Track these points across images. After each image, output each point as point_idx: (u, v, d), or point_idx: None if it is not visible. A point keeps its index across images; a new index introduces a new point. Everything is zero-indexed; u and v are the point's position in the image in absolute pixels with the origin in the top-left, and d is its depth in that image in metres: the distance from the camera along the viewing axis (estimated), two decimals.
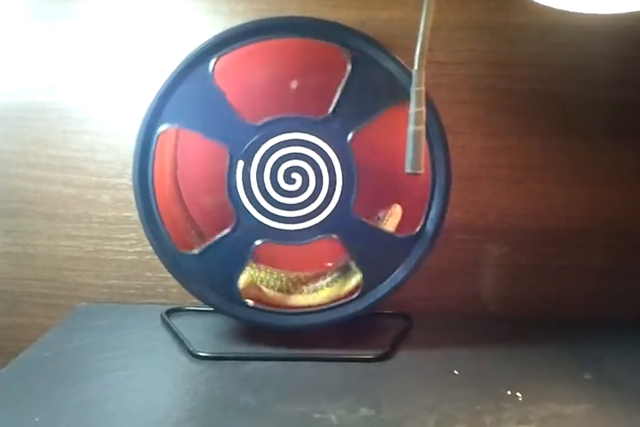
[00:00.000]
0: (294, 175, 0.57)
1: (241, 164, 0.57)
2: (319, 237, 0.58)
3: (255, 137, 0.56)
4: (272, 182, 0.57)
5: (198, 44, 0.56)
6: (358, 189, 0.57)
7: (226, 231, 0.57)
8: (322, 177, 0.57)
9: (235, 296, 0.58)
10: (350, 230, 0.58)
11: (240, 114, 0.56)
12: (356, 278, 0.59)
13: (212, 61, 0.55)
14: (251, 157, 0.57)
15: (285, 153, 0.57)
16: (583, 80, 0.66)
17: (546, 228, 0.68)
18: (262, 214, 0.57)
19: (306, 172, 0.57)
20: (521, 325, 0.66)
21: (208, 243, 0.58)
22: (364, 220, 0.58)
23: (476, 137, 0.67)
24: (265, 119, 0.56)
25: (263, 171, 0.57)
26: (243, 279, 0.58)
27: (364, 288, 0.59)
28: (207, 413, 0.48)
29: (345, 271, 0.60)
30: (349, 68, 0.56)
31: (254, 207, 0.57)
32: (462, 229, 0.68)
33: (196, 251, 0.58)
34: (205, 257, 0.58)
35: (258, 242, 0.57)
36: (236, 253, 0.58)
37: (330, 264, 0.62)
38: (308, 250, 0.60)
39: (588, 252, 0.69)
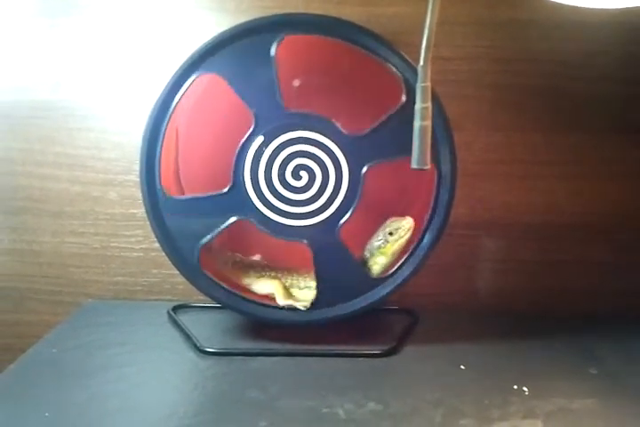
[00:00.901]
0: (302, 173, 0.57)
1: (260, 139, 0.56)
2: (293, 238, 0.58)
3: (285, 121, 0.56)
4: (279, 170, 0.57)
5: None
6: (352, 215, 0.57)
7: (215, 192, 0.57)
8: (325, 188, 0.57)
9: (195, 265, 0.58)
10: (324, 247, 0.58)
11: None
12: None
13: (279, 38, 0.55)
14: (272, 138, 0.56)
15: (305, 149, 0.57)
16: (587, 76, 0.66)
17: (548, 223, 0.69)
18: (255, 192, 0.57)
19: (315, 176, 0.57)
20: (523, 319, 0.67)
21: (196, 194, 0.58)
22: (344, 243, 0.58)
23: (479, 133, 0.67)
24: (304, 110, 0.57)
25: (277, 156, 0.57)
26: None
27: (316, 304, 0.59)
28: (214, 408, 0.48)
29: None
30: (403, 99, 0.56)
31: (251, 184, 0.57)
32: (466, 224, 0.68)
33: (181, 197, 0.58)
34: (187, 206, 0.58)
35: (234, 218, 0.57)
36: (213, 215, 0.57)
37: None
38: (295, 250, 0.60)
39: (590, 246, 0.69)
